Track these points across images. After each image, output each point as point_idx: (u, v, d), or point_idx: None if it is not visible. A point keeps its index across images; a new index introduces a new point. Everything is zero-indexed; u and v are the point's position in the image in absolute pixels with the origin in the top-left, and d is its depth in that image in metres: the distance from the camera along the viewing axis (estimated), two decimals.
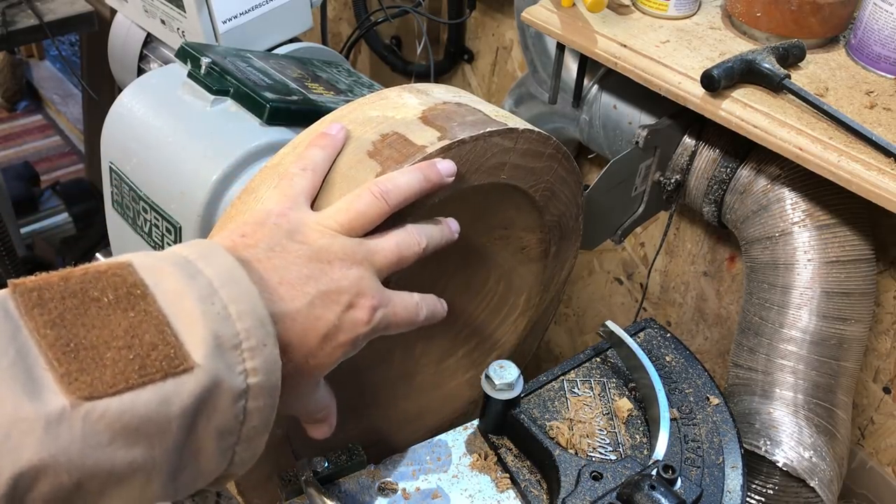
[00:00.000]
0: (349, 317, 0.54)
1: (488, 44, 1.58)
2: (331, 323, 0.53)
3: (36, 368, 0.40)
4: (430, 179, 0.62)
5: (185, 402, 0.43)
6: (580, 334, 1.69)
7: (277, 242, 0.54)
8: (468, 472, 0.69)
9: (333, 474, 0.67)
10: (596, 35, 1.02)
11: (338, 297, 0.54)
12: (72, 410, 0.39)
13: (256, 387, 0.46)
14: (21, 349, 0.41)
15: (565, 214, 0.83)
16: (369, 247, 0.58)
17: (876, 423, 1.19)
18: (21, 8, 1.61)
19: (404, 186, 0.60)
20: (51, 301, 0.43)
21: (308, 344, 0.53)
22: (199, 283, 0.46)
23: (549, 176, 0.77)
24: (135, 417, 0.41)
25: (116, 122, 0.92)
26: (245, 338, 0.46)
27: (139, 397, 0.41)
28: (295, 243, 0.55)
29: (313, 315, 0.53)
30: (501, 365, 0.68)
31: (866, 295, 0.99)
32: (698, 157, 1.07)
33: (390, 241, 0.59)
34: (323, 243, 0.55)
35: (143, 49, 1.17)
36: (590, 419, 0.72)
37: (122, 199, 0.93)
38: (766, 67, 0.90)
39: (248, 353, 0.46)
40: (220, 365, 0.44)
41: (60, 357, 0.41)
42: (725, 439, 0.72)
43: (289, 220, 0.56)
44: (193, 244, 0.50)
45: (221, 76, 0.90)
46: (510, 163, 0.72)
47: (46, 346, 0.41)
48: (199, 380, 0.43)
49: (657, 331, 0.82)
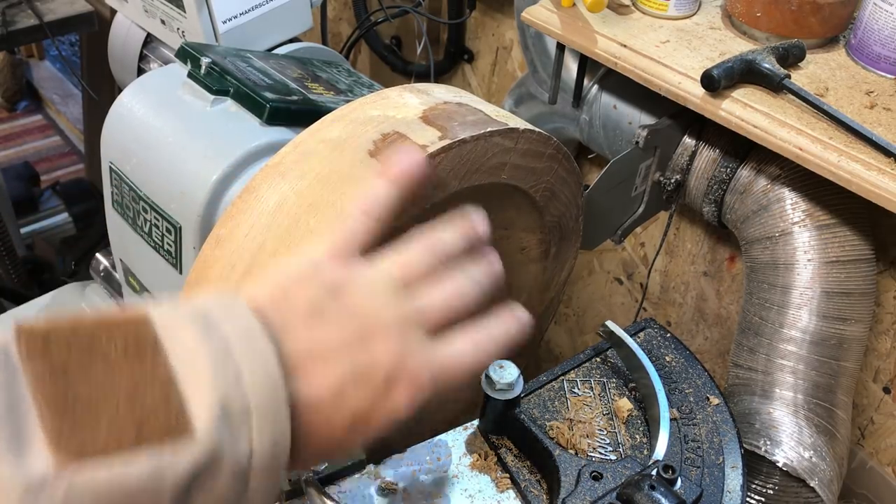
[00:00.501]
0: (385, 402, 0.47)
1: (488, 44, 1.58)
2: (362, 409, 0.47)
3: (26, 421, 0.37)
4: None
5: (179, 475, 0.39)
6: (580, 334, 1.69)
7: (318, 304, 0.48)
8: (468, 472, 0.69)
9: (333, 474, 0.67)
10: (596, 35, 1.02)
11: (373, 377, 0.47)
12: (55, 477, 0.36)
13: (260, 466, 0.42)
14: (14, 399, 0.38)
15: (565, 215, 0.83)
16: (420, 307, 0.50)
17: (876, 423, 1.19)
18: (21, 8, 1.60)
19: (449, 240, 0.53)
20: (56, 349, 0.40)
21: (333, 429, 0.47)
22: (214, 344, 0.42)
23: (549, 176, 0.77)
24: (124, 490, 0.37)
25: (116, 123, 0.92)
26: (256, 408, 0.42)
27: (131, 466, 0.38)
28: (338, 305, 0.48)
29: (340, 400, 0.46)
30: (501, 365, 0.68)
31: (866, 295, 0.99)
32: (698, 157, 1.07)
33: (442, 295, 0.51)
34: (371, 310, 0.48)
35: (143, 49, 1.17)
36: (590, 419, 0.72)
37: (122, 199, 0.93)
38: (766, 67, 0.90)
39: (256, 430, 0.42)
40: (224, 437, 0.40)
41: (55, 412, 0.38)
42: (725, 439, 0.72)
43: (336, 275, 0.49)
44: (219, 300, 0.46)
45: (221, 76, 0.90)
46: (511, 163, 0.72)
47: (42, 399, 0.38)
48: (199, 450, 0.39)
49: (657, 331, 0.82)
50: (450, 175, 0.68)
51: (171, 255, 0.88)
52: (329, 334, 0.47)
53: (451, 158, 0.66)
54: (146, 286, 0.97)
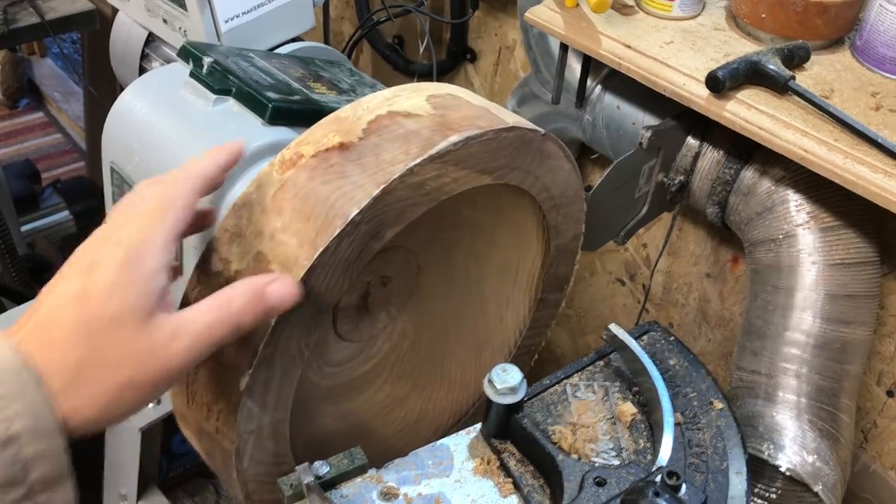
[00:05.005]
0: (144, 367, 0.52)
1: (491, 43, 1.58)
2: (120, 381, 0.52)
3: None
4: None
5: None
6: (582, 335, 1.69)
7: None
8: (471, 477, 0.68)
9: (335, 479, 0.66)
10: (600, 36, 1.02)
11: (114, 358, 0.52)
12: None
13: (27, 432, 0.45)
14: None
15: (568, 216, 0.82)
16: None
17: (879, 426, 1.18)
18: (23, 6, 1.60)
19: None
20: None
21: (97, 399, 0.51)
22: None
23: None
24: None
25: (117, 122, 0.91)
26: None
27: None
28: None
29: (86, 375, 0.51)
30: (504, 369, 0.67)
31: (871, 298, 0.98)
32: (702, 158, 1.06)
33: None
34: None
35: (144, 48, 1.16)
36: (593, 423, 0.72)
37: None
38: (772, 69, 0.89)
39: (2, 402, 0.45)
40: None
41: None
42: (729, 444, 0.71)
43: None
44: None
45: (223, 76, 0.89)
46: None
47: None
48: None
49: (661, 334, 0.81)
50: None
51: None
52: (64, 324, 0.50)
53: (458, 156, 0.65)
54: None
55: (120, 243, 0.53)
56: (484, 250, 0.86)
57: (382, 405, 0.89)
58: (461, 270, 0.86)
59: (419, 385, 0.91)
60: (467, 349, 0.92)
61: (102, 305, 0.51)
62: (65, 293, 0.52)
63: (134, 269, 0.52)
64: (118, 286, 0.51)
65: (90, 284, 0.51)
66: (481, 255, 0.86)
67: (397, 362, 0.88)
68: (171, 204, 0.57)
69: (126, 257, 0.52)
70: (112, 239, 0.54)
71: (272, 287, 0.57)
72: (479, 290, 0.89)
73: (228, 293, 0.56)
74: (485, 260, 0.87)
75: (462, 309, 0.90)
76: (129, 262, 0.52)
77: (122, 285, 0.51)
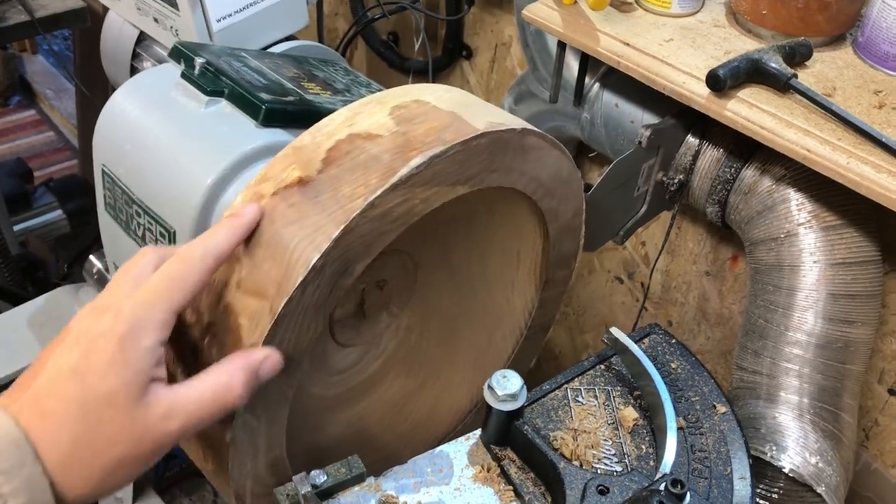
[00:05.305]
0: (133, 449, 0.53)
1: (487, 40, 1.56)
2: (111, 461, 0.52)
3: None
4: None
5: None
6: (580, 333, 1.68)
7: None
8: (471, 485, 0.67)
9: (333, 488, 0.65)
10: (598, 33, 1.00)
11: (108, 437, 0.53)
12: None
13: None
14: None
15: (565, 197, 0.81)
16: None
17: (881, 424, 1.18)
18: (12, 4, 1.58)
19: None
20: None
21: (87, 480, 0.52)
22: None
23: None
24: None
25: (109, 124, 0.90)
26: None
27: None
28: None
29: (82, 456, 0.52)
30: (504, 375, 0.66)
31: (873, 297, 0.97)
32: (702, 156, 1.05)
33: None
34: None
35: (136, 47, 1.14)
36: (594, 429, 0.71)
37: (115, 203, 0.91)
38: (773, 67, 0.88)
39: (2, 478, 0.46)
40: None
41: None
42: (733, 448, 0.70)
43: None
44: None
45: (216, 76, 0.88)
46: None
47: None
48: None
49: (662, 336, 0.80)
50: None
51: None
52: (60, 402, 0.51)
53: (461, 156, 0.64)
54: None
55: (120, 315, 0.53)
56: (482, 239, 0.84)
57: (395, 401, 0.87)
58: (462, 261, 0.85)
59: (433, 374, 0.89)
60: (478, 333, 0.90)
61: (99, 382, 0.51)
62: (64, 364, 0.52)
63: (131, 347, 0.52)
64: (114, 364, 0.52)
65: (88, 359, 0.52)
66: (480, 243, 0.84)
67: (407, 356, 0.86)
68: (182, 284, 0.56)
69: (125, 332, 0.52)
70: (113, 309, 0.54)
71: (265, 364, 0.58)
72: (483, 277, 0.87)
73: (226, 378, 0.56)
74: (484, 247, 0.85)
75: (468, 297, 0.88)
76: (128, 337, 0.52)
77: (119, 363, 0.52)
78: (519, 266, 0.86)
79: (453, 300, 0.87)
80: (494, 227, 0.83)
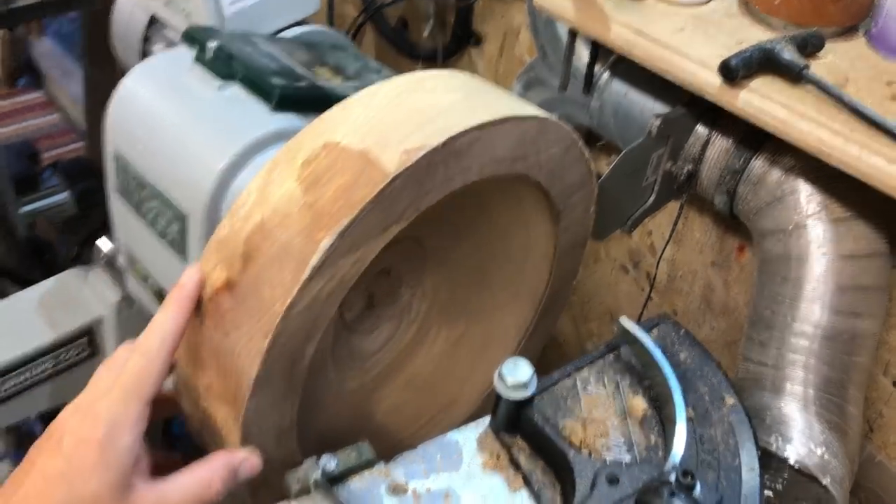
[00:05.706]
0: None
1: (496, 27, 1.56)
2: None
3: None
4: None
5: None
6: (584, 322, 1.68)
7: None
8: (480, 472, 0.68)
9: (342, 474, 0.65)
10: (610, 21, 1.00)
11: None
12: None
13: None
14: None
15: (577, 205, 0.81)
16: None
17: (885, 416, 1.18)
18: None
19: None
20: None
21: None
22: None
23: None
24: None
25: (120, 108, 0.90)
26: None
27: None
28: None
29: None
30: (515, 363, 0.66)
31: (881, 290, 0.97)
32: (711, 146, 1.05)
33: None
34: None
35: (147, 31, 1.14)
36: (603, 418, 0.71)
37: (126, 186, 0.91)
38: (786, 57, 0.88)
39: None
40: None
41: None
42: (741, 440, 0.70)
43: None
44: None
45: (228, 61, 0.88)
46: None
47: None
48: None
49: (671, 327, 0.81)
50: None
51: (177, 244, 0.86)
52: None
53: (467, 144, 0.63)
54: (152, 274, 0.96)
55: (98, 419, 0.57)
56: (488, 211, 0.82)
57: (444, 350, 0.87)
58: (471, 231, 0.84)
59: (473, 316, 0.88)
60: (508, 267, 0.88)
61: (84, 486, 0.55)
62: (51, 470, 0.56)
63: (110, 449, 0.56)
64: (97, 468, 0.55)
65: (72, 463, 0.56)
66: (489, 212, 0.82)
67: (442, 310, 0.85)
68: (148, 378, 0.59)
69: (103, 436, 0.56)
70: (91, 413, 0.58)
71: (244, 465, 0.63)
72: (501, 242, 0.85)
73: (207, 476, 0.61)
74: (496, 217, 0.83)
75: (487, 242, 0.86)
76: (106, 440, 0.56)
77: (101, 466, 0.56)
78: (529, 234, 0.85)
79: (473, 256, 0.85)
80: (496, 205, 0.81)
